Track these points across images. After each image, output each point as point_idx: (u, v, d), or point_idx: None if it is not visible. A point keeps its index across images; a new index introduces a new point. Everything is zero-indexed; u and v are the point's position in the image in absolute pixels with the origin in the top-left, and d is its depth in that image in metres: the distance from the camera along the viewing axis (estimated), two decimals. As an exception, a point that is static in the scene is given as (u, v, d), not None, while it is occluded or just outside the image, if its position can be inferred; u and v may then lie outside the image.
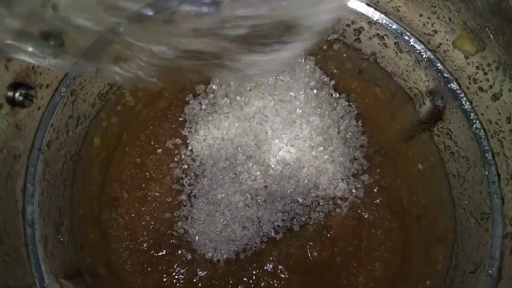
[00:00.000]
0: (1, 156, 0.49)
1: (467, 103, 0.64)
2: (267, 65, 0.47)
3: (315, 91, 0.81)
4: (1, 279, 0.46)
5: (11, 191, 0.52)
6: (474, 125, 0.63)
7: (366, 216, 0.84)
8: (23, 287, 0.50)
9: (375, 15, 0.68)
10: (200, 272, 0.79)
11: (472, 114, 0.64)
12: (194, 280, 0.78)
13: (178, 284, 0.78)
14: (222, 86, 0.85)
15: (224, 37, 0.44)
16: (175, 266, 0.79)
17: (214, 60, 0.50)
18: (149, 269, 0.77)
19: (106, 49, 0.62)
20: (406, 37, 0.67)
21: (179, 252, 0.80)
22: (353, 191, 0.84)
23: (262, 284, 0.80)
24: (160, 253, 0.79)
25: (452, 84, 0.64)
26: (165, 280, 0.77)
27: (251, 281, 0.80)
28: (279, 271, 0.81)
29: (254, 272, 0.80)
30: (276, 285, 0.80)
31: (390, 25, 0.68)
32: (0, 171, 0.49)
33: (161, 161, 0.84)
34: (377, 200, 0.84)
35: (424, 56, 0.66)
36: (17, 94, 0.50)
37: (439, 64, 0.65)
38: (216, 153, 0.82)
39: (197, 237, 0.80)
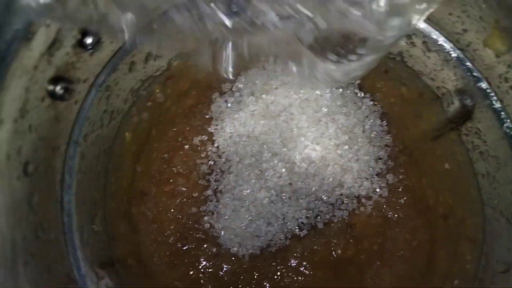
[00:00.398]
0: (43, 147, 0.52)
1: (498, 102, 0.63)
2: (335, 74, 0.47)
3: (340, 90, 0.82)
4: (44, 265, 0.48)
5: (51, 181, 0.54)
6: (505, 124, 0.63)
7: (390, 215, 0.84)
8: (63, 273, 0.52)
9: (404, 14, 0.68)
10: (226, 266, 0.80)
11: (503, 113, 0.63)
12: (220, 274, 0.80)
13: (204, 278, 0.79)
14: (248, 84, 0.86)
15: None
16: (201, 260, 0.80)
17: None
18: (175, 262, 0.79)
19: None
20: (434, 36, 0.67)
21: (205, 246, 0.81)
22: (377, 190, 0.84)
23: (286, 280, 0.81)
24: (186, 247, 0.81)
25: (481, 83, 0.64)
26: (191, 273, 0.79)
27: (275, 276, 0.81)
28: (303, 267, 0.82)
29: (279, 267, 0.81)
30: (300, 281, 0.80)
31: (418, 24, 0.68)
32: (42, 162, 0.52)
33: (188, 157, 0.86)
34: (402, 200, 0.84)
35: (452, 55, 0.66)
36: (57, 88, 0.53)
37: (468, 63, 0.65)
38: (242, 150, 0.84)
39: (222, 232, 0.81)
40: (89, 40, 0.55)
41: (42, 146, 0.51)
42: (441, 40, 0.67)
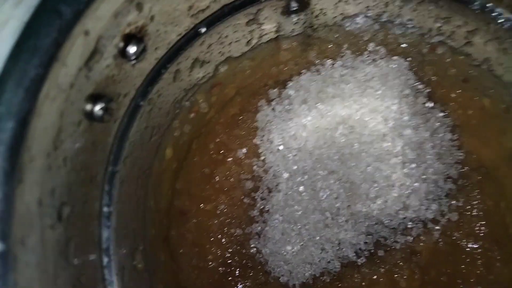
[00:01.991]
0: (79, 181, 0.43)
1: None
2: None
3: (410, 99, 0.71)
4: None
5: (89, 220, 0.45)
6: None
7: (460, 242, 0.74)
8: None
9: (499, 15, 0.57)
10: (274, 298, 0.72)
11: None
12: (269, 305, 0.71)
13: (251, 310, 0.71)
14: (300, 91, 0.77)
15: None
16: (247, 290, 0.72)
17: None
18: (219, 291, 0.71)
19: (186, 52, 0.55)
20: (538, 41, 0.56)
21: (251, 273, 0.73)
22: (447, 213, 0.74)
23: (342, 314, 0.72)
24: (230, 275, 0.72)
25: None
26: (236, 305, 0.71)
27: (331, 310, 0.72)
28: (361, 300, 0.72)
29: (334, 300, 0.72)
30: (358, 315, 0.71)
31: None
32: (78, 199, 0.43)
33: (231, 172, 0.77)
34: (475, 226, 0.74)
35: (561, 64, 0.55)
36: (96, 108, 0.44)
37: None
38: (292, 165, 0.75)
39: (270, 257, 0.73)
40: (133, 49, 0.46)
41: (77, 180, 0.42)
42: (546, 46, 0.56)
